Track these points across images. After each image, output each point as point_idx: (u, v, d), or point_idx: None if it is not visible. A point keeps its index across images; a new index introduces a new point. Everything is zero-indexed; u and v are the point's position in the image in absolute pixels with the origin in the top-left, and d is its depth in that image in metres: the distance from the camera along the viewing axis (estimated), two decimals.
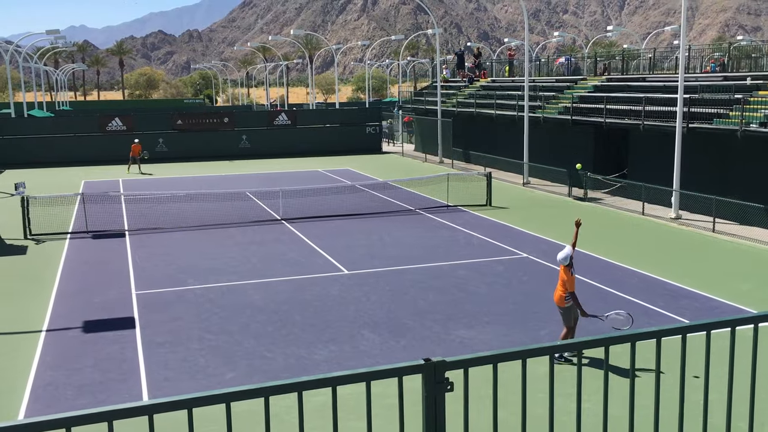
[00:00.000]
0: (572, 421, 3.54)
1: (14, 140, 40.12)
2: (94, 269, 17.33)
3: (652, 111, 25.84)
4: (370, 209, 24.99)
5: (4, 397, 10.10)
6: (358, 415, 8.53)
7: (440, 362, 3.04)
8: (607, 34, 68.41)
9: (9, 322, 13.45)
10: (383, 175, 33.52)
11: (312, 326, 12.91)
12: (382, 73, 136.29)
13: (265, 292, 15.14)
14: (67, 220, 23.32)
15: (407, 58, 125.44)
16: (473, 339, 12.23)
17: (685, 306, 13.94)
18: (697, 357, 3.97)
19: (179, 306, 14.24)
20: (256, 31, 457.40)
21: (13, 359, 11.52)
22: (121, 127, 41.98)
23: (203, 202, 25.56)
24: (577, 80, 35.81)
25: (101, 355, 11.62)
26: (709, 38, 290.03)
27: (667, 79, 29.53)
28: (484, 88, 41.56)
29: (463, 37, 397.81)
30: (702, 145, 23.67)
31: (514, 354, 3.21)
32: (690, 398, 3.64)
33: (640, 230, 21.47)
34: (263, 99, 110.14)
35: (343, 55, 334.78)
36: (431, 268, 17.02)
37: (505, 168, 33.58)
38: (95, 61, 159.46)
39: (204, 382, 10.51)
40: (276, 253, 18.69)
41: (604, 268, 16.80)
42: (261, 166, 38.93)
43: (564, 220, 23.23)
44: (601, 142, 29.47)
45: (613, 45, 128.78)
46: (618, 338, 3.33)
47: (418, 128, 45.48)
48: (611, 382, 3.52)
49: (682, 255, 18.38)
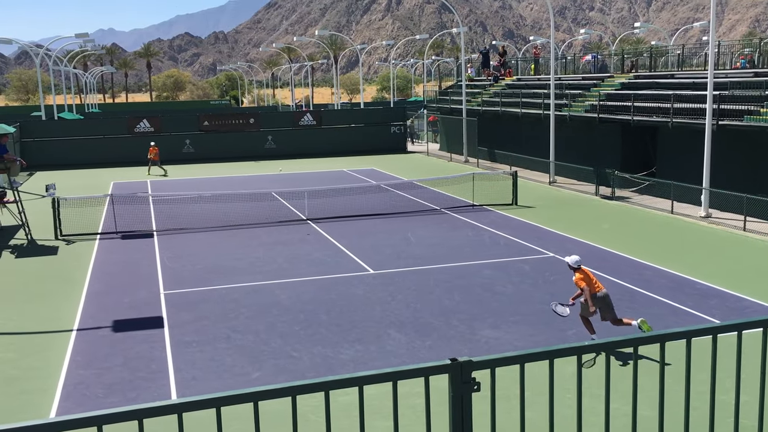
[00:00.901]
0: (600, 422, 3.50)
1: (44, 142, 40.79)
2: (123, 269, 17.55)
3: (680, 108, 25.49)
4: (395, 209, 24.99)
5: (37, 396, 10.27)
6: (384, 415, 8.54)
7: (467, 362, 3.03)
8: (634, 30, 67.74)
9: (41, 321, 13.68)
10: (408, 174, 33.49)
11: (338, 326, 12.94)
12: (407, 72, 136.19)
13: (291, 291, 15.21)
14: (96, 221, 23.65)
15: (432, 57, 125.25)
16: (499, 339, 12.17)
17: (715, 306, 13.74)
18: (728, 358, 3.91)
19: (206, 306, 14.37)
20: (281, 32, 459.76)
21: (44, 359, 11.71)
22: (149, 128, 42.47)
23: (229, 202, 25.76)
24: (604, 78, 35.45)
25: (130, 354, 11.77)
26: (739, 34, 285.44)
27: (696, 76, 29.10)
28: (509, 87, 41.34)
29: (488, 35, 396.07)
30: (732, 143, 23.30)
31: (542, 354, 3.19)
32: (721, 399, 3.59)
33: (669, 229, 21.20)
34: (288, 100, 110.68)
35: (368, 55, 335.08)
36: (457, 267, 16.97)
37: (531, 167, 33.37)
38: (123, 64, 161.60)
39: (231, 381, 10.59)
40: (301, 253, 18.77)
41: (633, 268, 16.62)
42: (287, 166, 39.11)
43: (591, 219, 23.02)
44: (628, 140, 29.14)
45: (641, 42, 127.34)
46: (647, 338, 3.30)
47: (443, 127, 45.38)
48: (640, 382, 3.48)
49: (712, 254, 18.12)
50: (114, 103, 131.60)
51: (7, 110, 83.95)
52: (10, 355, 11.93)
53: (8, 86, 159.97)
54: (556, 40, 39.85)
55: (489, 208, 24.94)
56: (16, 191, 21.16)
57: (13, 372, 11.17)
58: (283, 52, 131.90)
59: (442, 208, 25.10)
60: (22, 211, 21.15)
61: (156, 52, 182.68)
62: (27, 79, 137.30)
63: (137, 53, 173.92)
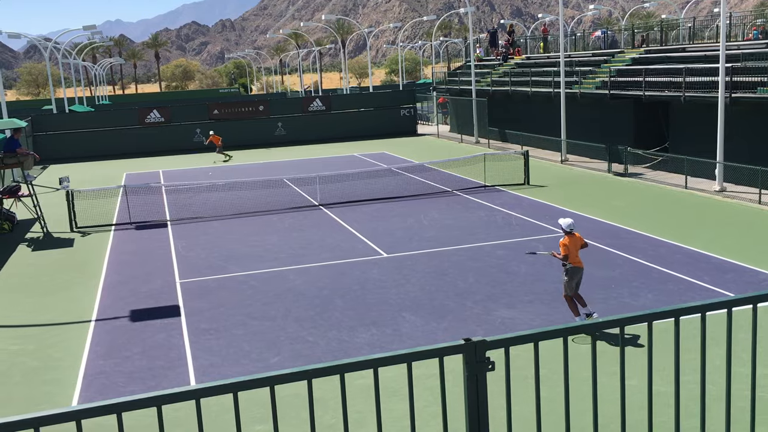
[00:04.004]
0: (616, 398, 3.51)
1: (57, 136, 40.99)
2: (139, 259, 17.68)
3: (693, 82, 25.21)
4: (407, 192, 24.97)
5: (59, 386, 10.41)
6: (401, 397, 8.59)
7: (481, 342, 3.04)
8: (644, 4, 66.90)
9: (60, 313, 13.83)
10: (419, 157, 33.42)
11: (353, 310, 13.00)
12: (415, 54, 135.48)
13: (306, 277, 15.28)
14: (110, 212, 23.81)
15: (440, 38, 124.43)
16: (514, 319, 12.18)
17: (732, 280, 13.67)
18: (744, 332, 3.89)
19: (222, 293, 14.47)
20: (288, 17, 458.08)
21: (65, 349, 11.86)
22: (160, 119, 42.58)
23: (241, 190, 25.83)
24: (615, 53, 35.08)
25: (149, 343, 11.89)
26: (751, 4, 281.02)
27: (708, 49, 28.74)
28: (518, 66, 41.02)
29: (496, 14, 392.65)
30: (746, 115, 23.04)
31: (556, 332, 3.19)
32: (737, 372, 3.58)
33: (683, 205, 21.06)
34: (297, 86, 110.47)
35: (375, 38, 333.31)
36: (470, 249, 16.96)
37: (543, 146, 33.18)
38: (132, 55, 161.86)
39: (249, 367, 10.68)
40: (315, 239, 18.82)
41: (648, 244, 16.54)
42: (297, 152, 39.14)
43: (604, 196, 22.89)
44: (640, 116, 28.89)
45: (651, 16, 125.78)
46: (662, 313, 3.29)
47: (452, 109, 45.16)
48: (655, 358, 3.48)
49: (727, 228, 17.99)
50: (124, 94, 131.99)
51: (18, 104, 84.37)
52: (30, 347, 12.08)
53: (19, 80, 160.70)
54: (565, 17, 39.46)
55: (501, 188, 24.87)
56: (30, 185, 21.32)
57: (34, 363, 11.32)
58: (291, 38, 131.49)
59: (454, 189, 25.05)
60: (37, 204, 21.33)
61: (164, 42, 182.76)
62: (37, 73, 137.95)
63: (145, 44, 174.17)
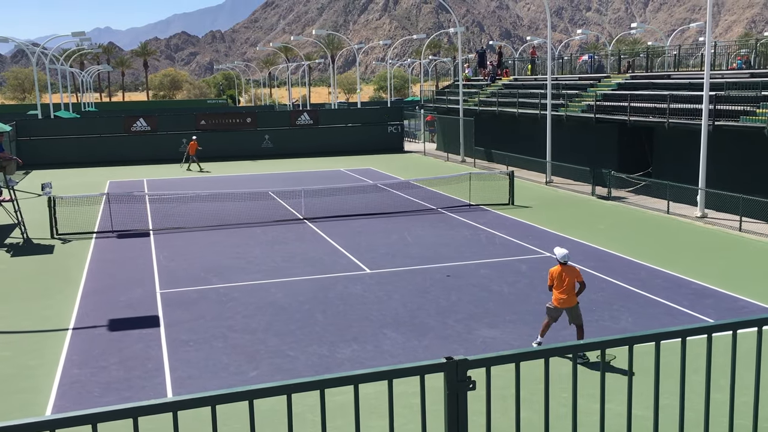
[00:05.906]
0: (595, 421, 3.51)
1: (41, 141, 40.68)
2: (119, 268, 17.52)
3: (677, 109, 25.52)
4: (392, 208, 24.99)
5: (32, 395, 10.25)
6: (380, 414, 8.54)
7: (462, 360, 3.03)
8: (631, 31, 67.79)
9: (36, 320, 13.65)
10: (405, 174, 33.49)
11: (334, 325, 12.94)
12: (404, 72, 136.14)
13: (288, 291, 15.21)
14: (92, 219, 23.61)
15: (429, 57, 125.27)
16: (496, 339, 12.18)
17: (711, 306, 13.77)
18: (723, 357, 3.92)
19: (203, 304, 14.36)
20: (279, 31, 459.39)
21: (40, 357, 11.69)
22: (146, 127, 42.40)
23: (226, 201, 25.73)
24: (601, 78, 35.49)
25: (126, 353, 11.75)
26: (735, 35, 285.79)
27: (693, 77, 29.15)
28: (506, 87, 41.36)
29: (485, 35, 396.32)
30: (728, 143, 23.34)
31: (537, 353, 3.19)
32: (715, 399, 3.60)
33: (665, 229, 21.23)
34: (285, 99, 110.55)
35: (365, 54, 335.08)
36: (453, 267, 16.97)
37: (528, 167, 33.39)
38: (120, 63, 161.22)
39: (227, 380, 10.58)
40: (298, 252, 18.76)
41: (629, 268, 16.64)
42: (283, 165, 39.09)
43: (587, 219, 23.04)
44: (625, 141, 29.17)
45: (638, 42, 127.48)
46: (642, 337, 3.30)
47: (440, 127, 45.38)
48: (635, 382, 3.49)
49: (707, 254, 18.15)
50: (111, 102, 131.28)
51: (3, 109, 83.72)
52: (5, 353, 11.90)
53: (4, 85, 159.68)
54: (552, 41, 39.88)
55: (486, 207, 24.96)
56: (12, 190, 21.11)
57: (9, 371, 11.15)
58: (281, 51, 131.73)
59: (438, 207, 25.11)
60: (18, 209, 21.10)
61: (153, 50, 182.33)
62: (23, 78, 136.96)
63: (134, 52, 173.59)
